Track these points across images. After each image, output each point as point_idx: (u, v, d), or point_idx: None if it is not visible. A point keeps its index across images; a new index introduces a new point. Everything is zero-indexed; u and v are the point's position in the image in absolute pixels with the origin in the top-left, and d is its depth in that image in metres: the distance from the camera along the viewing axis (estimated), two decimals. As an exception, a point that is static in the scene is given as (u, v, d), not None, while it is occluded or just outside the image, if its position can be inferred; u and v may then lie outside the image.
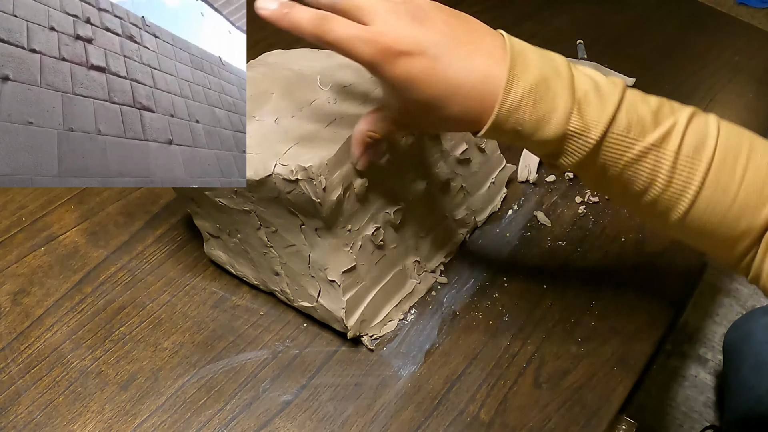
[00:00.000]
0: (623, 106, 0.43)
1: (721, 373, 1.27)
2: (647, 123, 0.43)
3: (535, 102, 0.42)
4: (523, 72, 0.42)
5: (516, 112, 0.42)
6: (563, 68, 0.43)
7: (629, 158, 0.43)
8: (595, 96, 0.43)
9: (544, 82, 0.42)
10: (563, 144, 0.43)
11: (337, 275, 0.51)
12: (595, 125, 0.42)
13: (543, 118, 0.42)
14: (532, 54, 0.43)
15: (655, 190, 0.43)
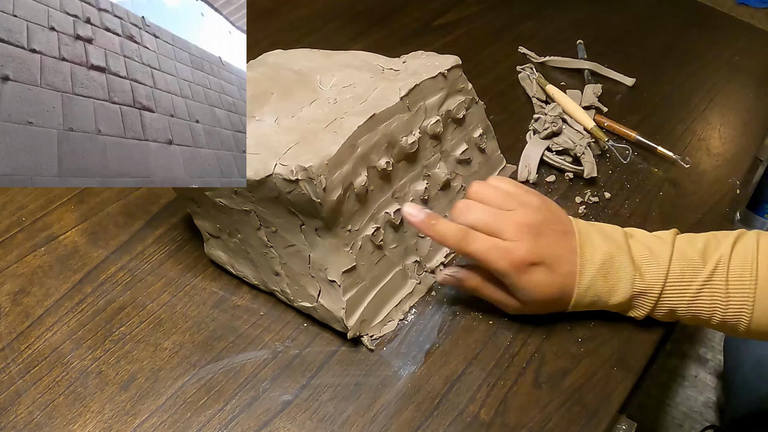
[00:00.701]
0: (674, 258, 0.53)
1: (721, 373, 1.27)
2: (697, 264, 0.53)
3: (605, 277, 0.53)
4: (591, 255, 0.53)
5: (591, 288, 0.53)
6: (621, 241, 0.54)
7: (689, 297, 0.53)
8: (651, 259, 0.53)
9: (609, 260, 0.53)
10: (633, 303, 0.54)
11: (337, 275, 0.51)
12: (655, 283, 0.53)
13: (613, 288, 0.53)
14: (596, 236, 0.54)
15: (718, 315, 0.53)
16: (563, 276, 0.53)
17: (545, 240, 0.53)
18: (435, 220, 0.52)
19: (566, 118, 0.74)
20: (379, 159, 0.53)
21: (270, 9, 0.92)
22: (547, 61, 0.86)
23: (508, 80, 0.84)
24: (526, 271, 0.52)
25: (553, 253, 0.52)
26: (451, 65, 0.58)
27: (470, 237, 0.52)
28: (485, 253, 0.52)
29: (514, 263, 0.51)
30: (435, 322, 0.56)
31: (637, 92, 0.84)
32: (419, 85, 0.55)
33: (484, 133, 0.64)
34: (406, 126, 0.54)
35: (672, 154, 0.72)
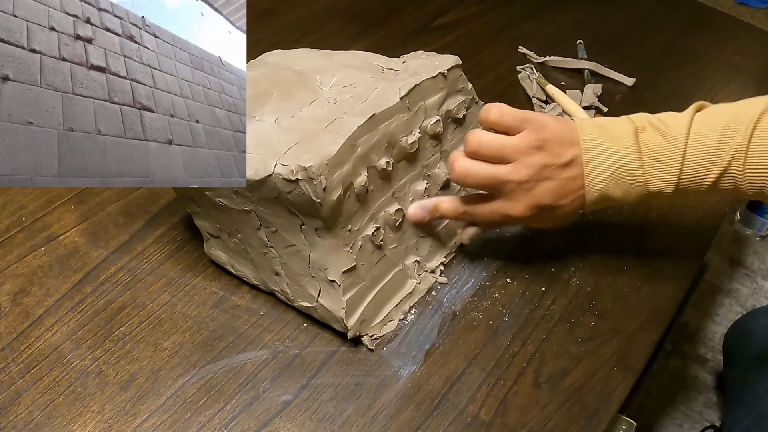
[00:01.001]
0: (688, 153, 0.53)
1: (721, 373, 1.27)
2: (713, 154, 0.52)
3: (616, 184, 0.54)
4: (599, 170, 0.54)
5: (601, 200, 0.55)
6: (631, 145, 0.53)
7: (705, 189, 0.53)
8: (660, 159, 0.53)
9: (618, 169, 0.53)
10: (649, 198, 0.54)
11: (337, 275, 0.51)
12: (665, 186, 0.53)
13: (624, 196, 0.54)
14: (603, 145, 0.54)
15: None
16: (567, 214, 0.55)
17: (542, 189, 0.54)
18: (436, 210, 0.56)
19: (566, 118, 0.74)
20: (379, 159, 0.53)
21: (270, 9, 0.92)
22: (547, 61, 0.86)
23: (508, 80, 0.84)
24: (531, 219, 0.55)
25: (554, 196, 0.54)
26: (451, 65, 0.58)
27: (470, 211, 0.56)
28: (487, 218, 0.56)
29: (515, 219, 0.55)
30: (435, 322, 0.56)
31: (637, 92, 0.84)
32: (419, 85, 0.55)
33: (484, 133, 0.63)
34: (406, 126, 0.54)
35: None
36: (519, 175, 0.53)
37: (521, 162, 0.53)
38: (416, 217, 0.56)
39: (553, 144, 0.53)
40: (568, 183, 0.54)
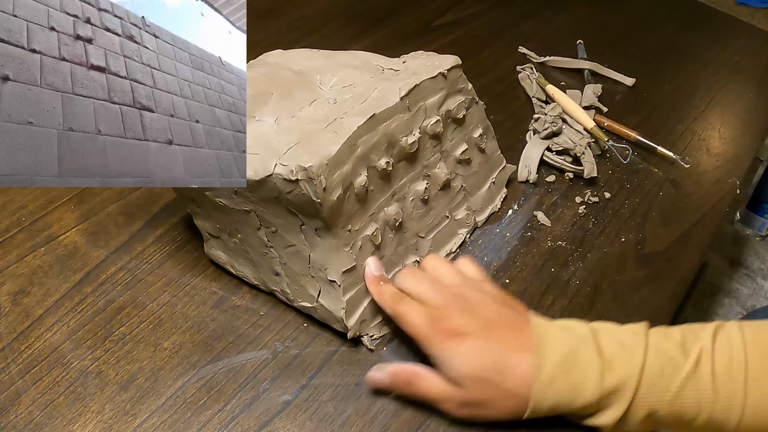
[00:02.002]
0: (649, 352, 0.47)
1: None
2: (677, 359, 0.46)
3: (567, 372, 0.46)
4: (551, 348, 0.46)
5: (551, 386, 0.46)
6: (587, 336, 0.47)
7: (672, 394, 0.46)
8: (621, 352, 0.46)
9: (573, 353, 0.46)
10: (604, 403, 0.46)
11: (337, 275, 0.51)
12: (628, 378, 0.46)
13: (578, 386, 0.46)
14: (556, 331, 0.48)
15: (705, 413, 0.46)
16: (503, 352, 0.46)
17: (482, 314, 0.49)
18: (382, 281, 0.52)
19: (566, 118, 0.74)
20: (379, 159, 0.53)
21: (270, 9, 0.92)
22: (547, 61, 0.86)
23: (508, 80, 0.84)
24: (453, 340, 0.47)
25: (489, 326, 0.48)
26: (451, 65, 0.58)
27: (404, 300, 0.51)
28: (408, 313, 0.49)
29: (439, 326, 0.47)
30: (435, 322, 0.56)
31: (637, 92, 0.84)
32: (419, 85, 0.55)
33: (484, 133, 0.64)
34: (406, 126, 0.54)
35: (672, 154, 0.72)
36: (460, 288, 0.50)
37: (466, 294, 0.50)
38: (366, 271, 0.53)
39: (510, 303, 0.51)
40: (508, 326, 0.48)
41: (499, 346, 0.47)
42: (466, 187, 0.62)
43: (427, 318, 0.48)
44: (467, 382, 0.47)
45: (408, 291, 0.51)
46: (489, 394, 0.47)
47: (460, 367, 0.47)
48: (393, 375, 0.50)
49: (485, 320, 0.48)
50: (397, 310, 0.50)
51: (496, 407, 0.47)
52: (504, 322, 0.48)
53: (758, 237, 1.51)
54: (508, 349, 0.47)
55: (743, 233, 1.52)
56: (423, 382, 0.48)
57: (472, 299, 0.50)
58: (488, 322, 0.48)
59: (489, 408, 0.47)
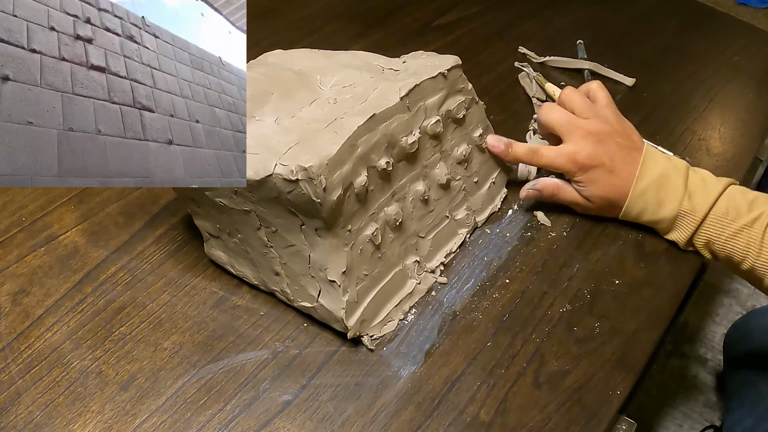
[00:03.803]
0: (723, 196, 0.60)
1: (721, 373, 1.27)
2: (742, 209, 0.59)
3: (657, 189, 0.60)
4: (651, 169, 0.61)
5: (643, 196, 0.61)
6: (681, 168, 0.61)
7: (727, 235, 0.59)
8: (702, 188, 0.60)
9: (665, 176, 0.61)
10: (678, 223, 0.61)
11: (337, 275, 0.51)
12: (699, 208, 0.59)
13: (662, 201, 0.61)
14: (660, 157, 0.62)
15: (749, 260, 0.59)
16: (620, 179, 0.61)
17: (607, 147, 0.61)
18: (511, 148, 0.64)
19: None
20: (379, 159, 0.53)
21: (270, 9, 0.92)
22: (547, 61, 0.86)
23: (508, 80, 0.84)
24: (588, 170, 0.61)
25: (613, 159, 0.61)
26: (451, 65, 0.58)
27: (539, 153, 0.63)
28: (553, 160, 0.62)
29: (577, 163, 0.61)
30: (435, 322, 0.56)
31: (637, 92, 0.84)
32: (419, 85, 0.55)
33: (484, 133, 0.64)
34: (406, 126, 0.54)
35: (672, 155, 0.72)
36: (593, 125, 0.62)
37: (598, 121, 0.62)
38: (494, 147, 0.64)
39: (627, 134, 0.63)
40: (626, 160, 0.61)
41: (620, 176, 0.61)
42: (466, 187, 0.62)
43: (564, 159, 0.61)
44: (595, 199, 0.62)
45: (550, 125, 0.63)
46: (607, 205, 0.63)
47: (593, 191, 0.62)
48: (542, 188, 0.64)
49: (611, 154, 0.61)
50: (543, 162, 0.63)
51: (607, 211, 0.64)
52: (624, 155, 0.61)
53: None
54: (625, 178, 0.61)
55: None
56: (564, 193, 0.64)
57: (602, 134, 0.62)
58: (613, 156, 0.61)
59: (602, 211, 0.64)
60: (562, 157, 0.61)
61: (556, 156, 0.62)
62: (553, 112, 0.63)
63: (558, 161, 0.62)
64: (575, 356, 0.55)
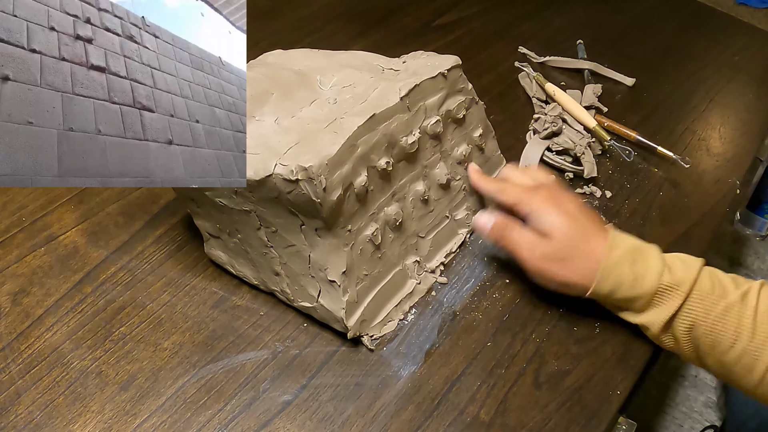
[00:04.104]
0: (704, 272, 0.52)
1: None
2: (727, 285, 0.52)
3: (632, 262, 0.52)
4: (622, 241, 0.54)
5: (616, 268, 0.52)
6: (654, 246, 0.54)
7: (716, 315, 0.50)
8: (680, 263, 0.53)
9: (640, 250, 0.53)
10: (657, 300, 0.52)
11: (337, 275, 0.51)
12: (683, 282, 0.51)
13: (639, 276, 0.52)
14: (627, 235, 0.55)
15: (741, 344, 0.49)
16: (586, 228, 0.54)
17: (575, 204, 0.56)
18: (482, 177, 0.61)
19: (566, 118, 0.74)
20: (379, 159, 0.53)
21: (270, 9, 0.92)
22: (547, 61, 0.86)
23: (508, 80, 0.84)
24: (552, 202, 0.55)
25: (578, 215, 0.55)
26: (451, 65, 0.58)
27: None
28: (512, 187, 0.58)
29: (541, 193, 0.56)
30: (435, 322, 0.56)
31: (637, 92, 0.84)
32: (419, 85, 0.55)
33: (484, 133, 0.64)
34: (406, 126, 0.54)
35: (672, 154, 0.72)
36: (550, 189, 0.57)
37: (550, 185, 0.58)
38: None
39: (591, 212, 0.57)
40: (591, 218, 0.55)
41: (586, 222, 0.54)
42: (466, 187, 0.62)
43: (528, 189, 0.57)
44: (556, 233, 0.53)
45: (510, 178, 0.59)
46: (569, 251, 0.53)
47: (554, 220, 0.54)
48: (493, 223, 0.57)
49: (577, 205, 0.56)
50: (502, 186, 0.58)
51: (570, 267, 0.53)
52: (590, 213, 0.56)
53: (758, 237, 1.51)
54: (591, 229, 0.54)
55: (743, 233, 1.52)
56: (515, 232, 0.55)
57: (568, 194, 0.57)
58: (579, 207, 0.56)
59: (565, 266, 0.54)
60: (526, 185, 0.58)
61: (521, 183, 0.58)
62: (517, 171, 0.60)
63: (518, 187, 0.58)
64: (575, 356, 0.55)
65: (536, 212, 0.54)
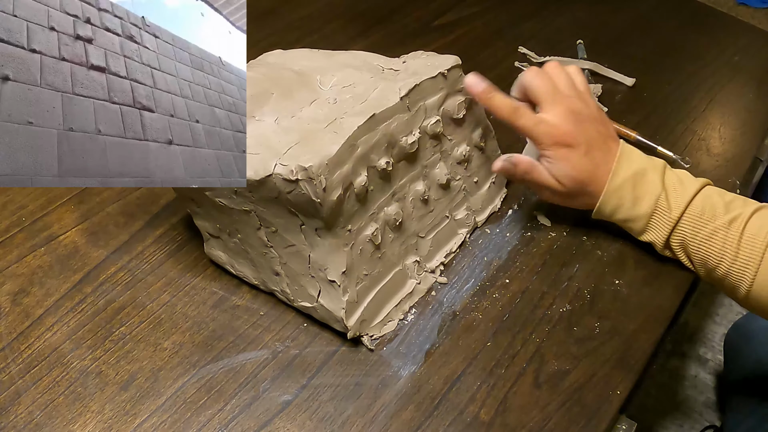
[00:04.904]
0: (700, 195, 0.57)
1: (721, 373, 1.27)
2: (718, 210, 0.56)
3: (634, 185, 0.58)
4: (628, 164, 0.58)
5: (619, 191, 0.58)
6: (659, 165, 0.59)
7: (703, 236, 0.56)
8: (679, 186, 0.58)
9: (642, 172, 0.58)
10: (652, 220, 0.58)
11: (337, 275, 0.51)
12: (675, 207, 0.57)
13: (638, 198, 0.58)
14: (637, 154, 0.60)
15: (725, 265, 0.56)
16: (594, 164, 0.58)
17: (586, 129, 0.58)
18: (492, 93, 0.59)
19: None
20: (379, 159, 0.53)
21: (270, 9, 0.92)
22: (547, 61, 0.86)
23: (508, 80, 0.83)
24: (562, 147, 0.58)
25: (590, 143, 0.58)
26: (451, 65, 0.58)
27: (520, 112, 0.58)
28: (532, 127, 0.58)
29: (555, 138, 0.57)
30: (435, 322, 0.56)
31: (637, 92, 0.84)
32: (419, 85, 0.55)
33: (484, 133, 0.64)
34: (406, 126, 0.54)
35: (672, 154, 0.72)
36: (575, 104, 0.59)
37: (580, 102, 0.59)
38: (471, 86, 0.59)
39: (605, 123, 0.61)
40: (602, 147, 0.58)
41: (594, 160, 0.58)
42: (465, 187, 0.62)
43: (542, 128, 0.58)
44: (566, 180, 0.58)
45: (531, 90, 0.59)
46: (577, 191, 0.59)
47: (565, 170, 0.58)
48: (516, 163, 0.60)
49: (588, 137, 0.58)
50: (517, 122, 0.58)
51: (577, 201, 0.60)
52: (600, 141, 0.59)
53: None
54: (599, 164, 0.58)
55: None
56: (537, 173, 0.59)
57: (582, 115, 0.59)
58: (590, 139, 0.58)
59: (573, 200, 0.60)
60: (540, 126, 0.58)
61: (536, 122, 0.58)
62: (538, 78, 0.59)
63: (535, 129, 0.58)
64: (575, 356, 0.55)
65: (549, 159, 0.58)
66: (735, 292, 0.56)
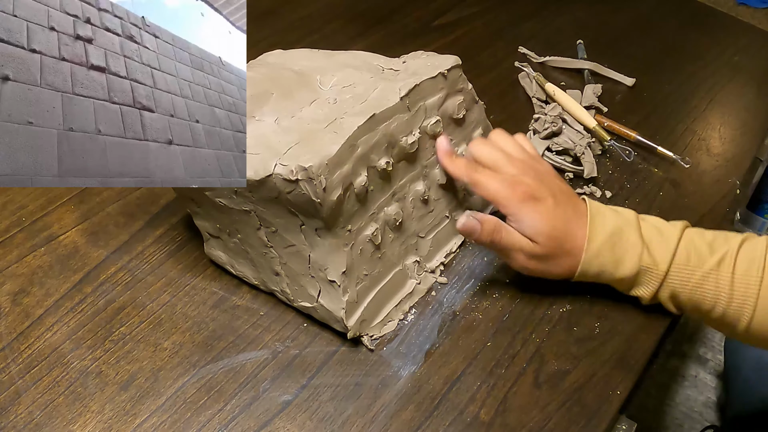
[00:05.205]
0: (682, 242, 0.54)
1: (721, 373, 1.27)
2: (703, 252, 0.54)
3: (612, 247, 0.54)
4: (601, 225, 0.55)
5: (598, 257, 0.54)
6: (632, 219, 0.55)
7: (694, 283, 0.53)
8: (658, 236, 0.54)
9: (618, 232, 0.54)
10: (639, 278, 0.55)
11: (337, 275, 0.51)
12: (661, 260, 0.54)
13: (620, 260, 0.54)
14: (606, 210, 0.56)
15: (720, 306, 0.53)
16: (568, 220, 0.54)
17: (551, 186, 0.55)
18: (454, 156, 0.57)
19: (566, 118, 0.74)
20: (379, 159, 0.53)
21: (270, 9, 0.92)
22: (547, 61, 0.86)
23: (508, 80, 0.84)
24: (532, 202, 0.54)
25: (558, 198, 0.55)
26: (451, 65, 0.58)
27: (479, 169, 0.56)
28: (487, 183, 0.55)
29: (517, 191, 0.54)
30: (435, 322, 0.56)
31: (637, 92, 0.84)
32: (419, 85, 0.55)
33: (484, 133, 0.64)
34: (406, 126, 0.54)
35: (672, 154, 0.72)
36: (531, 162, 0.57)
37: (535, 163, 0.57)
38: (438, 147, 0.58)
39: (564, 184, 0.58)
40: (571, 202, 0.56)
41: (566, 214, 0.54)
42: (466, 187, 0.62)
43: (505, 183, 0.54)
44: (540, 238, 0.54)
45: (482, 159, 0.57)
46: (554, 250, 0.54)
47: (536, 225, 0.54)
48: (482, 220, 0.54)
49: (553, 191, 0.55)
50: (476, 178, 0.55)
51: (556, 264, 0.55)
52: (567, 195, 0.56)
53: (758, 237, 1.51)
54: (572, 217, 0.54)
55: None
56: (505, 231, 0.54)
57: (540, 171, 0.57)
58: (556, 191, 0.55)
59: (550, 263, 0.55)
60: (501, 182, 0.54)
61: (496, 179, 0.55)
62: (487, 146, 0.57)
63: (495, 184, 0.54)
64: (575, 356, 0.55)
65: (516, 215, 0.54)
66: (732, 330, 0.54)
